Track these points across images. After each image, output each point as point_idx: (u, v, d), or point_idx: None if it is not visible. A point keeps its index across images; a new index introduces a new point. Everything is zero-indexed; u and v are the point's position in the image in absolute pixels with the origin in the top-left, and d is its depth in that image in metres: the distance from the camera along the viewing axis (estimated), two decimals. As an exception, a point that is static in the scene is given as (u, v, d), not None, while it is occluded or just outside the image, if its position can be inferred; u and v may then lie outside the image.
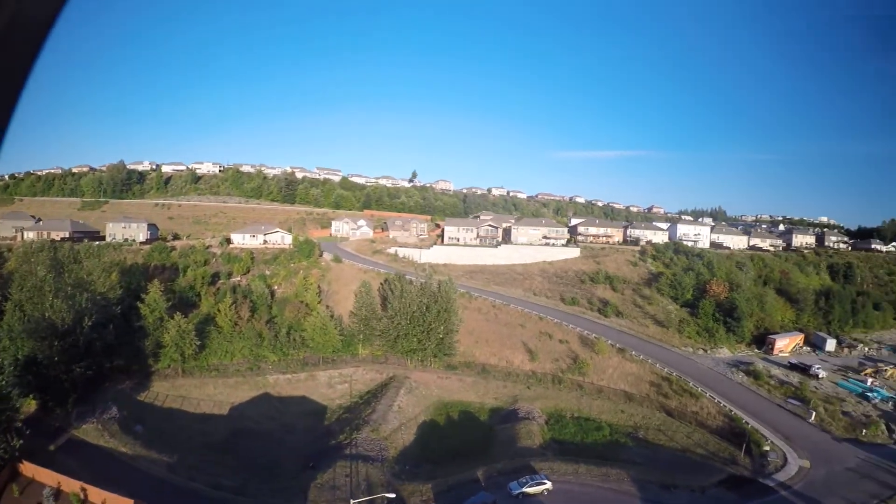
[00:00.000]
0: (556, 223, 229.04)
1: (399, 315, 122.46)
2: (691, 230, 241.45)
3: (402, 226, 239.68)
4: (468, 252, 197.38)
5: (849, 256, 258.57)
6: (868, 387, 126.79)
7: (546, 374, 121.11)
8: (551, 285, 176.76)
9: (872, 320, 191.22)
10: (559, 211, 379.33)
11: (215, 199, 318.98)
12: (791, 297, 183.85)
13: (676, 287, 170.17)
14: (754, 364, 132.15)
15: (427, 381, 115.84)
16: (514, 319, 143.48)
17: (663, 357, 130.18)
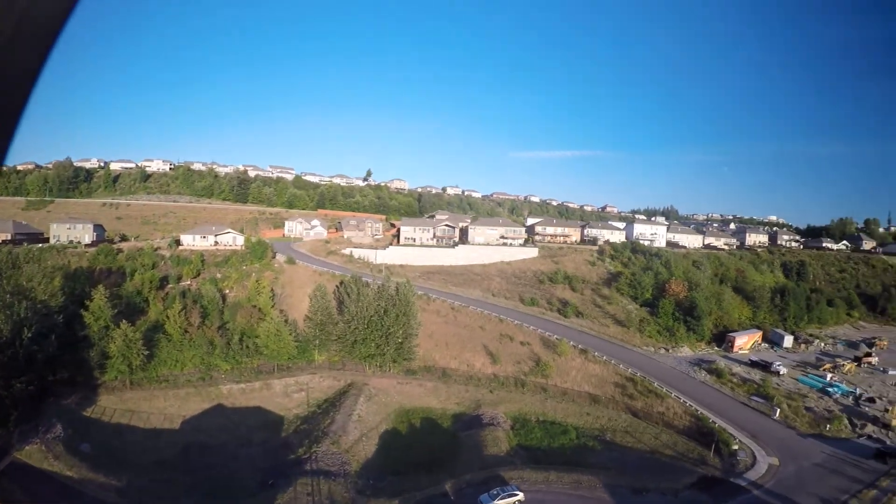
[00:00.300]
0: (513, 223, 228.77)
1: (356, 319, 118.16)
2: (648, 229, 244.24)
3: (357, 226, 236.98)
4: (425, 252, 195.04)
5: (801, 255, 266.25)
6: (828, 382, 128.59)
7: (508, 377, 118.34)
8: (510, 286, 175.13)
9: (826, 316, 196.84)
10: (514, 210, 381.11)
11: (165, 199, 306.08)
12: (747, 294, 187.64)
13: (636, 286, 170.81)
14: (716, 362, 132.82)
15: (387, 387, 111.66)
16: (473, 321, 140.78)
17: (626, 357, 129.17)
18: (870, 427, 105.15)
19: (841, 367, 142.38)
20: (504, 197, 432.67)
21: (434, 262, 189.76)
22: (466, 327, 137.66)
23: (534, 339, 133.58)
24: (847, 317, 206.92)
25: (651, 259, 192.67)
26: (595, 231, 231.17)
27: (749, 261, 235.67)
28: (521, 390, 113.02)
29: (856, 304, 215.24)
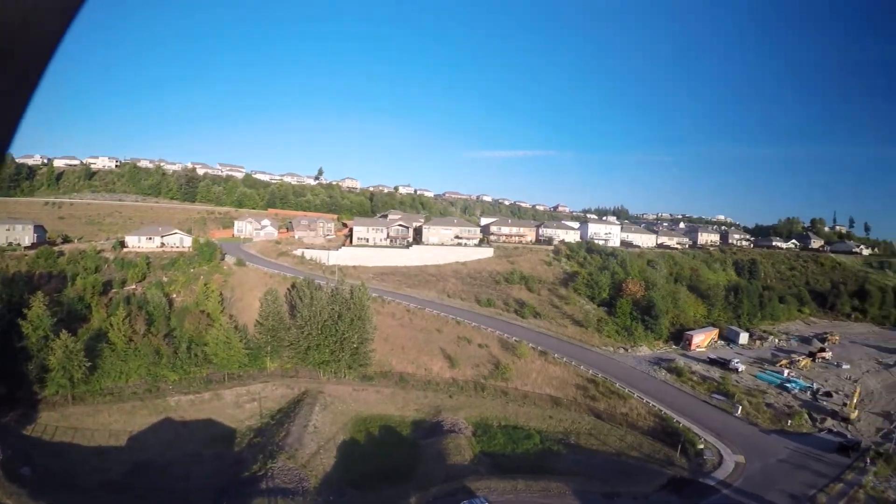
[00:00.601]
0: (467, 222, 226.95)
1: (309, 324, 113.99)
2: (602, 229, 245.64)
3: (309, 225, 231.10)
4: (378, 253, 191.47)
5: (752, 253, 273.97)
6: (785, 378, 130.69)
7: (468, 381, 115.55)
8: (466, 286, 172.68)
9: (778, 313, 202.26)
10: (467, 210, 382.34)
11: (111, 198, 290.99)
12: (702, 293, 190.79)
13: (593, 286, 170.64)
14: (675, 361, 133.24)
15: (342, 394, 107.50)
16: (430, 324, 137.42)
17: (586, 358, 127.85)
18: (829, 421, 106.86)
19: (797, 363, 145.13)
20: (457, 196, 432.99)
21: (388, 263, 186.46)
22: (423, 330, 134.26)
23: (492, 342, 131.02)
24: (798, 313, 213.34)
25: (607, 259, 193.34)
26: (550, 231, 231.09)
27: (702, 260, 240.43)
28: (481, 394, 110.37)
29: (806, 301, 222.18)
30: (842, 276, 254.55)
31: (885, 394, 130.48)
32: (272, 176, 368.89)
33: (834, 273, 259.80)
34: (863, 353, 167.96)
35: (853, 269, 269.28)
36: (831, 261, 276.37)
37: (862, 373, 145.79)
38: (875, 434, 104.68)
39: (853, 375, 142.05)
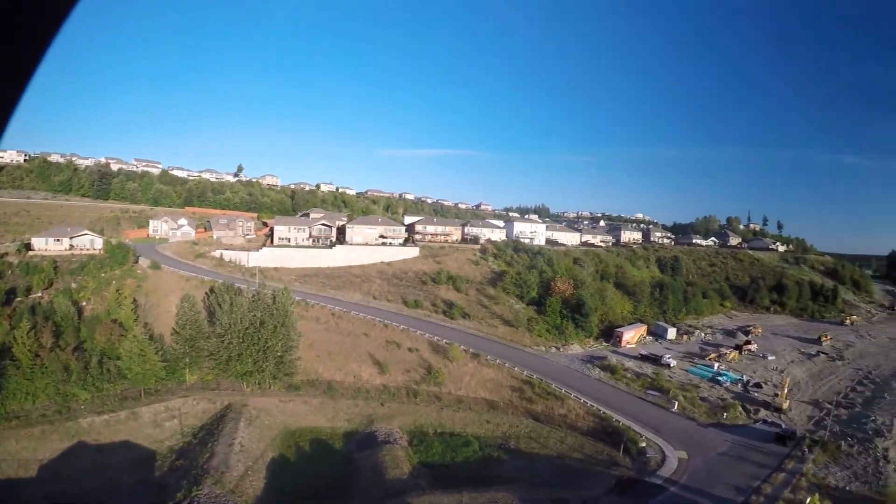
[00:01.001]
0: (392, 221, 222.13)
1: (229, 332, 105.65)
2: (527, 228, 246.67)
3: (228, 225, 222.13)
4: (301, 254, 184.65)
5: (673, 251, 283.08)
6: (716, 371, 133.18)
7: (399, 387, 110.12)
8: (392, 287, 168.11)
9: (702, 307, 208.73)
10: (389, 208, 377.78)
11: (18, 195, 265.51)
12: (628, 290, 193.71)
13: (521, 286, 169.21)
14: (608, 358, 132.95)
15: (268, 407, 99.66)
16: (356, 328, 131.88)
17: (519, 359, 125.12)
18: (763, 412, 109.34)
19: (725, 356, 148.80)
20: (379, 194, 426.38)
21: (311, 264, 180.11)
22: (350, 335, 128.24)
23: (422, 345, 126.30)
24: (721, 307, 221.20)
25: (534, 257, 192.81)
26: (476, 230, 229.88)
27: (626, 257, 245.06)
28: (414, 401, 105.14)
29: (727, 295, 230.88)
30: (760, 272, 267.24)
31: (811, 382, 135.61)
32: (190, 172, 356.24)
33: (752, 269, 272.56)
34: (785, 344, 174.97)
35: (770, 265, 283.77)
36: (749, 257, 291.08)
37: (787, 363, 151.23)
38: (807, 422, 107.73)
39: (779, 366, 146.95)
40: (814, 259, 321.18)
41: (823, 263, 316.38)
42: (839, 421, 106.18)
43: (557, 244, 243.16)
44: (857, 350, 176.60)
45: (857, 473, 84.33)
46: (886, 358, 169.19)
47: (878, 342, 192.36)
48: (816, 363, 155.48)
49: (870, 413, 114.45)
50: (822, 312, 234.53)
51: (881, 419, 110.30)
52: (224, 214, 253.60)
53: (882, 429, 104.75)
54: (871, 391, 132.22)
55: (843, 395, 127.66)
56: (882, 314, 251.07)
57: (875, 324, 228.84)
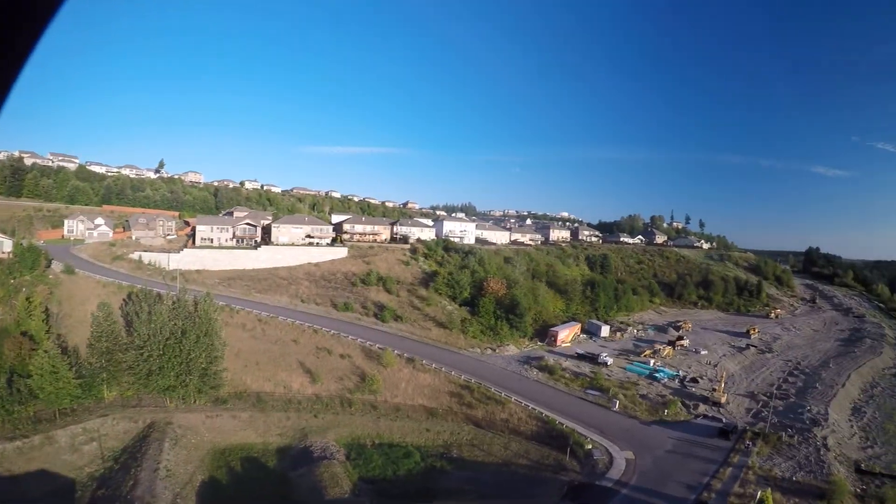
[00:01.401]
0: (319, 221, 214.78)
1: (149, 344, 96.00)
2: (457, 227, 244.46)
3: (148, 224, 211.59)
4: (224, 255, 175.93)
5: (602, 249, 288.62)
6: (653, 368, 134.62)
7: (332, 396, 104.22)
8: (320, 290, 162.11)
9: (632, 304, 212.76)
10: (315, 206, 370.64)
11: None
12: (560, 288, 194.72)
13: (453, 286, 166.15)
14: (545, 358, 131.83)
15: (195, 424, 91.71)
16: (285, 334, 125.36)
17: (455, 362, 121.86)
18: (702, 407, 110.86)
19: (660, 352, 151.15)
20: (305, 192, 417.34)
21: (235, 266, 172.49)
22: (278, 342, 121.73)
23: (354, 351, 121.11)
24: (650, 303, 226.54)
25: (466, 257, 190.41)
26: (405, 229, 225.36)
27: (556, 256, 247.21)
28: (348, 411, 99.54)
29: (656, 292, 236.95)
30: (686, 269, 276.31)
31: (745, 375, 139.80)
32: (109, 168, 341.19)
33: (679, 266, 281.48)
34: (716, 339, 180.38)
35: (696, 262, 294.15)
36: (676, 255, 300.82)
37: (719, 357, 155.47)
38: (746, 414, 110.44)
39: (712, 360, 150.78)
40: (737, 256, 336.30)
41: (746, 260, 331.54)
42: (776, 412, 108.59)
43: (487, 243, 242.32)
44: (784, 342, 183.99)
45: (800, 463, 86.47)
46: (812, 349, 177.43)
47: (803, 334, 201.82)
48: (747, 356, 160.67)
49: (804, 403, 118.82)
50: (747, 307, 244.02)
51: (816, 408, 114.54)
52: (144, 213, 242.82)
53: (818, 418, 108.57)
54: (803, 381, 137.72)
55: (776, 386, 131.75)
56: (804, 307, 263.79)
57: (798, 316, 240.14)
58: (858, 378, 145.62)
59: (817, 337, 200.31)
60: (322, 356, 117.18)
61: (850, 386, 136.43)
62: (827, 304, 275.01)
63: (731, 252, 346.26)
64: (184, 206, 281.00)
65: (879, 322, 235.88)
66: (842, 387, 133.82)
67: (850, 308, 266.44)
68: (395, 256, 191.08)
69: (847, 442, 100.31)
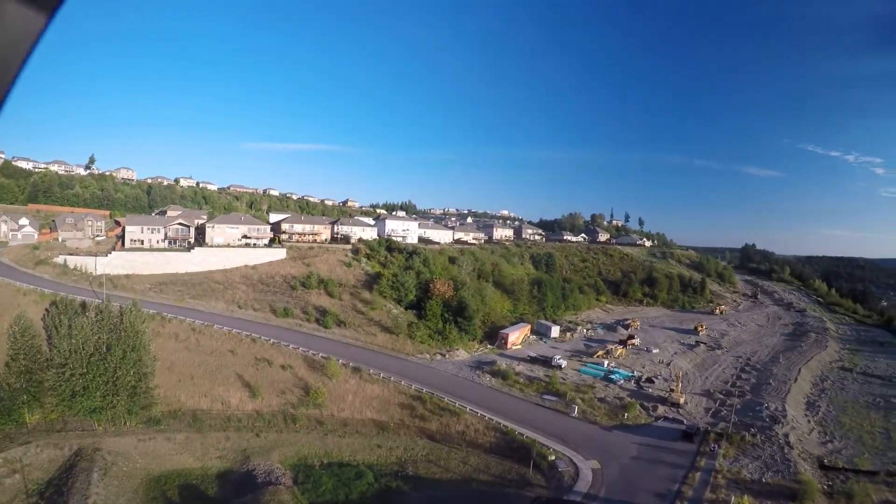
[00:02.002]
0: (256, 220, 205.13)
1: (71, 361, 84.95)
2: (400, 226, 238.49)
3: (76, 224, 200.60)
4: (156, 258, 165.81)
5: (546, 247, 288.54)
6: (607, 369, 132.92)
7: (274, 412, 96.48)
8: (258, 294, 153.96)
9: (580, 303, 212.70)
10: (253, 204, 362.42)
11: None
12: (506, 288, 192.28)
13: (398, 288, 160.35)
14: (497, 363, 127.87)
15: (126, 449, 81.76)
16: (221, 344, 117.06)
17: (404, 370, 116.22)
18: (661, 408, 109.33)
19: (612, 352, 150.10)
20: (242, 190, 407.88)
21: (167, 270, 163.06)
22: (214, 353, 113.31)
23: (296, 361, 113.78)
24: (596, 301, 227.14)
25: (410, 257, 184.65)
26: (346, 228, 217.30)
27: (501, 255, 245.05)
28: (293, 427, 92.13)
29: (602, 290, 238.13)
30: (630, 266, 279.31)
31: (698, 373, 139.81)
32: (36, 164, 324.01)
33: (623, 263, 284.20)
34: (665, 336, 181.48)
35: (640, 260, 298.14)
36: (619, 252, 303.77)
37: (671, 355, 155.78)
38: (705, 414, 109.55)
39: (664, 358, 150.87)
40: (679, 253, 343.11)
41: (689, 257, 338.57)
42: (735, 410, 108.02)
43: (431, 242, 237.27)
44: (731, 338, 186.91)
45: (767, 463, 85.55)
46: (759, 344, 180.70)
47: (749, 329, 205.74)
48: (698, 353, 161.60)
49: (761, 400, 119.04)
50: (691, 303, 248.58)
51: (773, 405, 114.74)
52: (73, 212, 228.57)
53: (777, 415, 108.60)
54: (756, 378, 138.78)
55: (730, 383, 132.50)
56: (746, 303, 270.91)
57: (741, 312, 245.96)
58: (808, 372, 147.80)
59: (763, 332, 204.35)
60: (262, 368, 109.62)
61: (801, 381, 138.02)
62: (768, 300, 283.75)
63: (673, 250, 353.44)
64: (115, 205, 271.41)
65: (820, 316, 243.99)
66: (794, 382, 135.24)
67: (791, 303, 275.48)
68: (336, 257, 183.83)
69: (807, 438, 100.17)
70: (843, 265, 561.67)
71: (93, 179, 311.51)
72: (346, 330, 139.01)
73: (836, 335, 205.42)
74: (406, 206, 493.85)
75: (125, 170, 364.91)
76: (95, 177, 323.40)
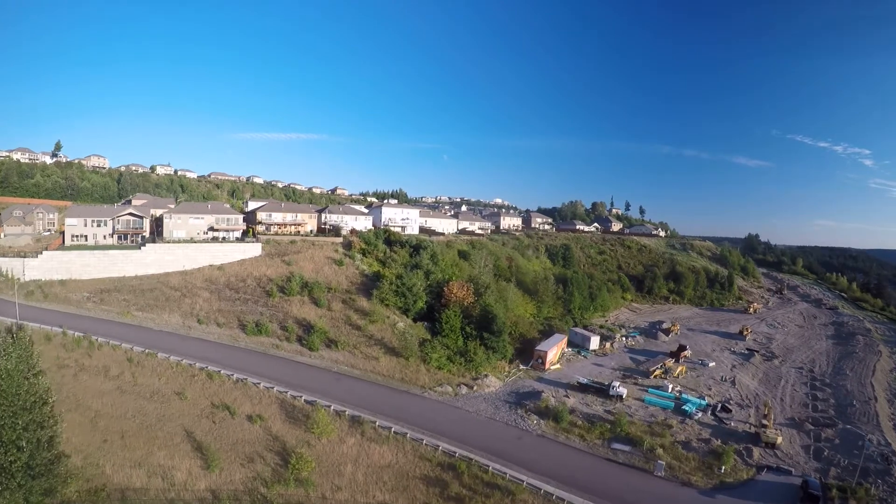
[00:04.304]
0: (228, 209, 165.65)
1: None
2: (398, 214, 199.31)
3: (24, 217, 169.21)
4: (97, 259, 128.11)
5: (559, 238, 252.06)
6: (675, 397, 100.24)
7: (238, 493, 58.62)
8: (224, 303, 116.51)
9: (607, 303, 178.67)
10: (235, 193, 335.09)
11: None
12: (527, 287, 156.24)
13: (404, 294, 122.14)
14: (541, 395, 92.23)
15: None
16: (166, 383, 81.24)
17: (422, 415, 79.52)
18: (756, 452, 79.12)
19: (671, 371, 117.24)
20: (224, 178, 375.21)
21: (112, 273, 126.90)
22: (155, 396, 77.25)
23: (269, 408, 76.36)
24: (622, 300, 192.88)
25: (417, 253, 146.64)
26: (335, 217, 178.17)
27: (513, 246, 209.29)
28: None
29: (627, 287, 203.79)
30: (650, 259, 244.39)
31: (766, 392, 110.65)
32: None
33: (642, 256, 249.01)
34: (709, 343, 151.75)
35: (659, 252, 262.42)
36: (636, 243, 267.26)
37: (730, 369, 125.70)
38: (806, 456, 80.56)
39: (725, 374, 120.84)
40: (699, 245, 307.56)
41: (709, 249, 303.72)
42: (834, 447, 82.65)
43: (434, 233, 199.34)
44: (780, 343, 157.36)
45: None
46: (810, 349, 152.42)
47: (791, 331, 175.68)
48: (755, 364, 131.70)
49: (858, 429, 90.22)
50: (720, 301, 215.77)
51: (875, 437, 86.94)
52: (30, 203, 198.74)
53: (888, 453, 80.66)
54: (832, 396, 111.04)
55: (810, 406, 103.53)
56: (774, 299, 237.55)
57: (773, 310, 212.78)
58: (879, 386, 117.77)
59: (806, 334, 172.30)
60: (220, 420, 72.62)
61: (880, 399, 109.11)
62: (794, 295, 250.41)
63: (693, 241, 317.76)
64: (80, 194, 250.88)
65: (854, 314, 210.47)
66: (875, 401, 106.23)
67: (820, 299, 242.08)
68: (323, 253, 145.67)
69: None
70: (836, 256, 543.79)
71: (57, 168, 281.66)
72: (337, 352, 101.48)
73: (882, 338, 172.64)
74: (397, 194, 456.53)
75: (96, 157, 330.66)
76: (62, 165, 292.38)
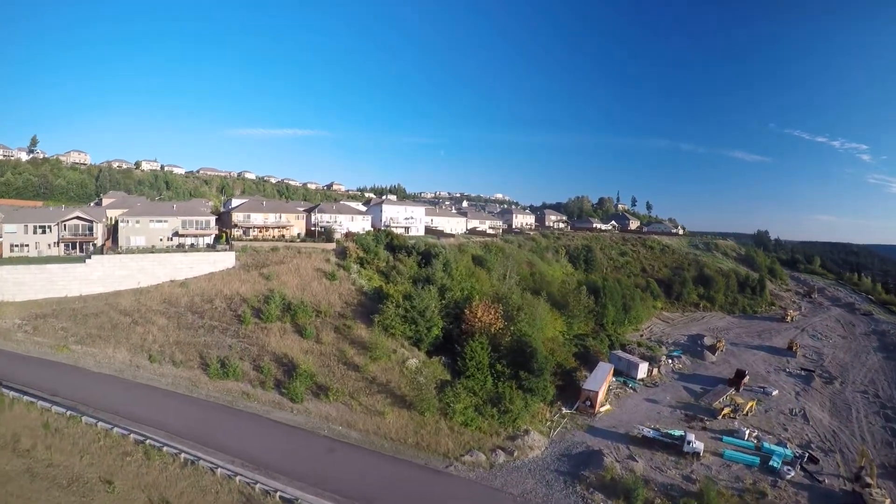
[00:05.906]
0: (198, 210, 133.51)
1: None
2: (401, 212, 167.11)
3: None
4: (34, 275, 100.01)
5: (577, 237, 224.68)
6: (754, 446, 77.23)
7: None
8: (184, 333, 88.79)
9: (640, 314, 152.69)
10: (224, 189, 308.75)
11: None
12: (555, 299, 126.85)
13: (415, 319, 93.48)
14: (605, 463, 65.74)
15: None
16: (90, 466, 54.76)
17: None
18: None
19: (741, 409, 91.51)
20: (213, 173, 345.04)
21: (52, 293, 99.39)
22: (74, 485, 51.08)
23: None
24: (652, 309, 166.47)
25: (429, 263, 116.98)
26: (327, 216, 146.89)
27: (530, 249, 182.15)
28: None
29: (657, 294, 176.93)
30: (675, 261, 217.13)
31: (844, 429, 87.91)
32: None
33: (665, 257, 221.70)
34: (758, 360, 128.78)
35: (682, 253, 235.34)
36: (658, 243, 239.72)
37: (794, 397, 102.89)
38: None
39: (792, 405, 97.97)
40: (724, 245, 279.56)
41: (733, 249, 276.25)
42: None
43: (443, 234, 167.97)
44: (831, 359, 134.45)
45: None
46: (864, 366, 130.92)
47: (838, 344, 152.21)
48: (818, 389, 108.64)
49: None
50: (752, 307, 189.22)
51: None
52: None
53: None
54: None
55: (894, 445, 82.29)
56: (804, 303, 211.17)
57: (808, 317, 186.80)
58: None
59: (853, 347, 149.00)
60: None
61: None
62: (824, 299, 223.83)
63: (717, 241, 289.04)
64: (54, 193, 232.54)
65: (890, 321, 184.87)
66: None
67: (852, 303, 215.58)
68: (312, 264, 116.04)
69: None
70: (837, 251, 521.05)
71: (31, 164, 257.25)
72: (328, 405, 73.23)
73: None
74: (396, 189, 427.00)
75: (76, 153, 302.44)
76: (38, 161, 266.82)
